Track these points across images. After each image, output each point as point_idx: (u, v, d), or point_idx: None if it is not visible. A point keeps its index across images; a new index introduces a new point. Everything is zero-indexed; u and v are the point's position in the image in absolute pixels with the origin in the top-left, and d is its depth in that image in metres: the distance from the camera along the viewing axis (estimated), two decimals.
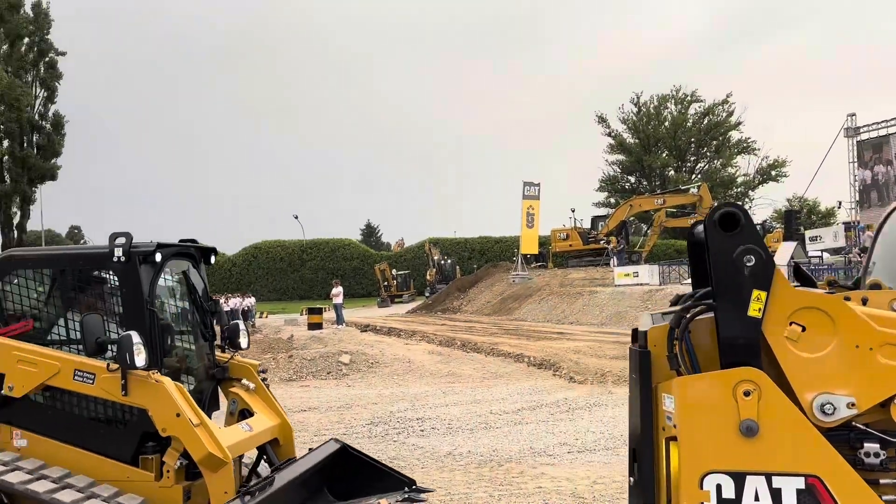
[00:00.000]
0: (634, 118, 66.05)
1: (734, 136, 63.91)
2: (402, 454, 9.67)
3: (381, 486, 6.30)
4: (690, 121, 64.59)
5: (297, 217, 66.88)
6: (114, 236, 5.48)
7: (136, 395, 5.21)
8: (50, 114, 42.61)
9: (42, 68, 42.38)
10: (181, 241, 6.08)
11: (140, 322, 5.36)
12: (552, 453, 9.61)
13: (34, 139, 41.76)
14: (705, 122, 64.12)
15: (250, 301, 49.42)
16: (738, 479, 2.55)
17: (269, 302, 58.64)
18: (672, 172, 63.77)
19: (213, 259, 6.47)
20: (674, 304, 3.48)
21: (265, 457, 6.30)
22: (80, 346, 5.51)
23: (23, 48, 40.66)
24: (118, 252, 5.43)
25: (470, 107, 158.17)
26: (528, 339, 22.25)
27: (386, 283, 54.44)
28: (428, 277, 52.74)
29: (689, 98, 64.93)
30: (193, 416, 5.22)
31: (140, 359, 5.12)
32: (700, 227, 3.46)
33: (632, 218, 46.28)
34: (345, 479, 6.37)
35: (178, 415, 5.15)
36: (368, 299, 56.06)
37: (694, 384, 2.65)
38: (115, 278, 5.55)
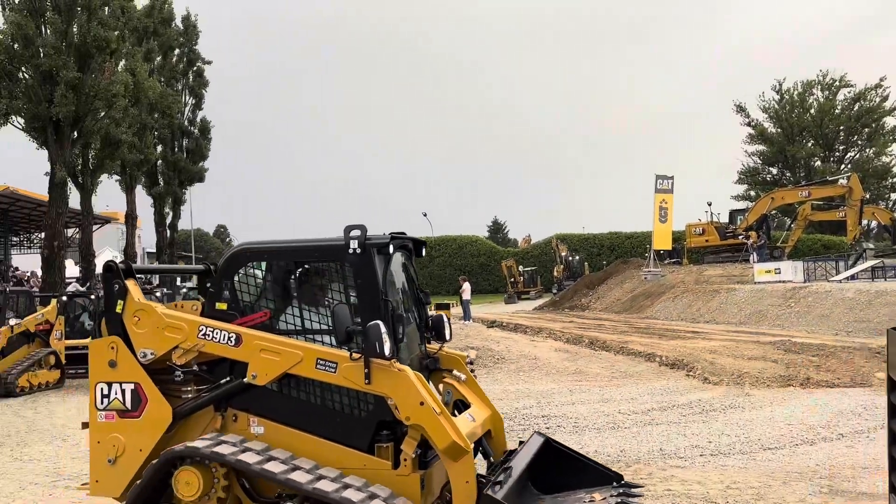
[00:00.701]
0: (776, 106, 62.56)
1: (889, 122, 59.31)
2: None
3: (587, 479, 6.13)
4: (839, 107, 60.45)
5: (425, 215, 68.07)
6: (348, 229, 5.45)
7: (379, 383, 5.17)
8: (198, 120, 45.44)
9: (191, 77, 45.25)
10: (392, 234, 6.08)
11: (377, 312, 5.34)
12: (683, 455, 9.24)
13: (184, 144, 44.69)
14: (856, 108, 59.83)
15: None
16: None
17: None
18: (818, 163, 59.94)
19: (423, 252, 6.43)
20: None
21: (480, 448, 6.22)
22: (314, 336, 5.56)
23: (174, 59, 43.55)
24: (354, 244, 5.41)
25: (598, 100, 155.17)
26: (660, 338, 21.55)
27: (513, 279, 54.36)
28: (555, 274, 52.23)
29: (837, 83, 60.80)
30: (436, 405, 5.16)
31: (387, 347, 5.09)
32: None
33: (773, 211, 43.83)
34: (548, 473, 6.27)
35: (421, 403, 5.10)
36: (495, 296, 56.19)
37: None
38: (350, 270, 5.51)
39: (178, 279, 45.90)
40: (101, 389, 5.68)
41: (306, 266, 5.84)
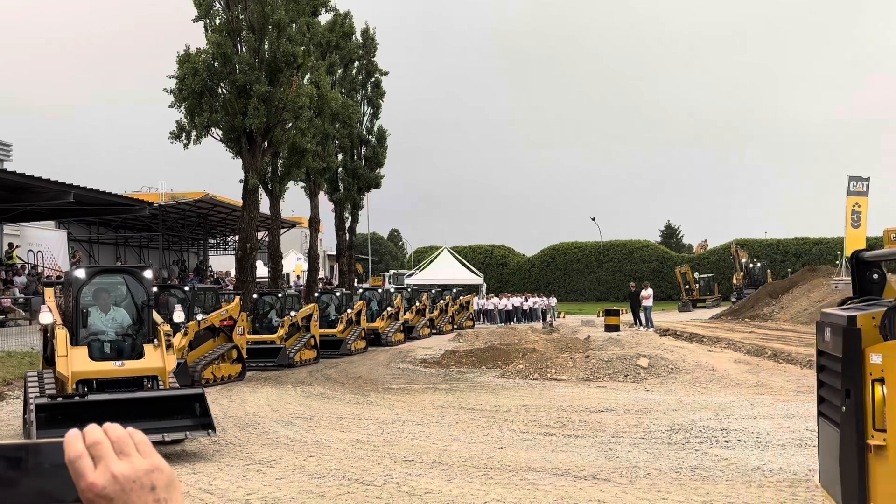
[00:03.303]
0: None
1: None
2: (704, 464, 9.18)
3: None
4: None
5: (594, 219, 66.96)
6: None
7: None
8: (375, 129, 47.45)
9: (369, 88, 47.33)
10: None
11: None
12: None
13: (362, 152, 46.81)
14: None
15: (551, 301, 50.36)
16: None
17: (565, 303, 59.41)
18: None
19: None
20: None
21: None
22: None
23: (353, 71, 45.76)
24: None
25: (780, 96, 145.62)
26: None
27: (687, 286, 52.27)
28: (734, 281, 49.66)
29: None
30: None
31: None
32: None
33: None
34: None
35: None
36: (668, 303, 54.22)
37: None
38: None
39: (356, 280, 48.09)
40: None
41: None
